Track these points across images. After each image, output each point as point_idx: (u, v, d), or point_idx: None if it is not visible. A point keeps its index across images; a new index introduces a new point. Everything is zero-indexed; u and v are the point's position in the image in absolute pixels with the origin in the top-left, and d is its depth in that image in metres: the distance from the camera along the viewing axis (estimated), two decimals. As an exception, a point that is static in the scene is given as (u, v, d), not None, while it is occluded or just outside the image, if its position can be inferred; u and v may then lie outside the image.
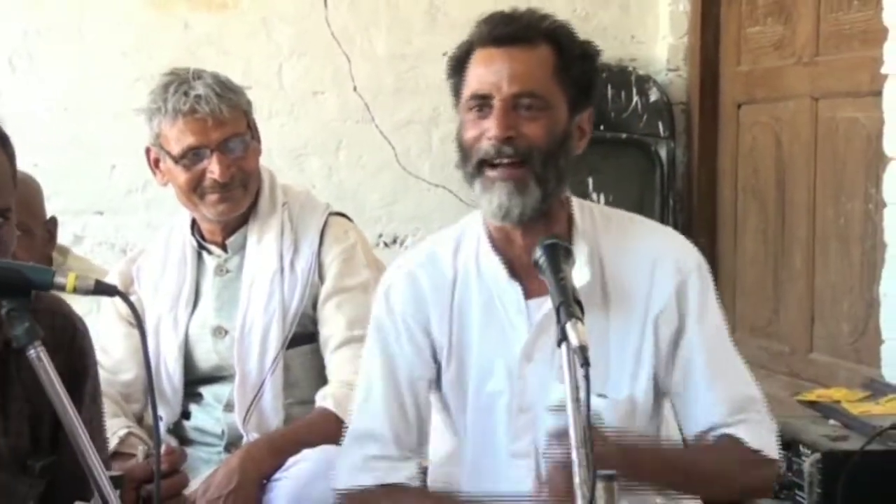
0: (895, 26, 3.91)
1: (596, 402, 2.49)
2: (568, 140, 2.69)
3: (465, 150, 2.68)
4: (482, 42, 2.68)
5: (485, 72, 2.65)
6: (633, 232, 2.82)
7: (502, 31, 2.66)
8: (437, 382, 2.80)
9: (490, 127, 2.61)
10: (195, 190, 3.47)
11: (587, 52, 2.75)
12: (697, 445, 2.70)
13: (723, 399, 2.70)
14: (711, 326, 2.74)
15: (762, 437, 2.69)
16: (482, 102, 2.64)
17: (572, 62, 2.69)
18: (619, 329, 2.72)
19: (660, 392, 2.75)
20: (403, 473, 2.74)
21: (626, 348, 2.72)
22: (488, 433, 2.73)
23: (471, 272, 2.77)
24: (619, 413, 2.64)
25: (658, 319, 2.71)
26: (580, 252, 2.64)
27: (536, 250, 2.43)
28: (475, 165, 2.64)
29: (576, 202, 2.79)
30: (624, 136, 5.34)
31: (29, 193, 3.40)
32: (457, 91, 2.72)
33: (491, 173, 2.62)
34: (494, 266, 2.73)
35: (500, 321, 2.73)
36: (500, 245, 2.73)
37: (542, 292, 2.60)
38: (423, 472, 2.90)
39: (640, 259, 2.75)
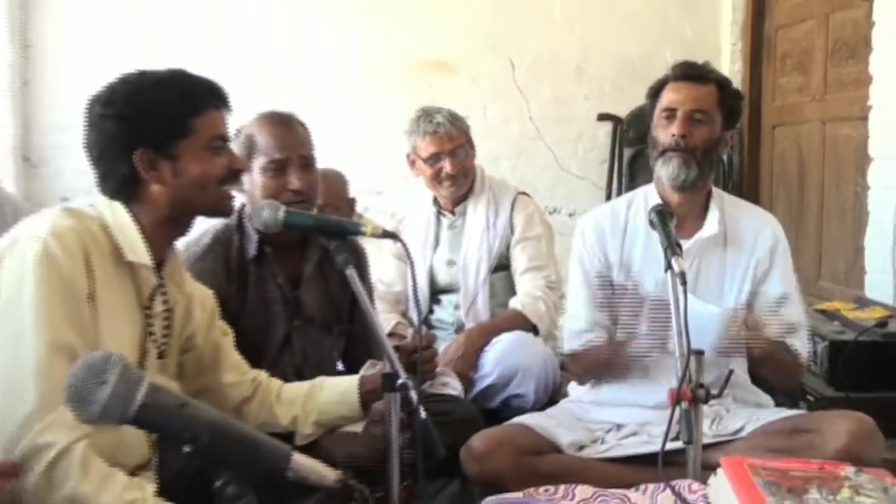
0: (877, 75, 3.79)
1: (713, 310, 2.49)
2: (719, 144, 2.68)
3: (655, 141, 2.67)
4: (674, 78, 2.67)
5: (675, 95, 2.64)
6: (745, 208, 2.80)
7: (688, 72, 2.66)
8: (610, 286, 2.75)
9: (674, 129, 2.61)
10: (436, 179, 3.51)
11: (737, 96, 2.75)
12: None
13: (787, 318, 2.62)
14: (788, 276, 2.69)
15: (801, 349, 2.63)
16: (670, 113, 2.64)
17: (728, 99, 2.68)
18: (732, 264, 2.68)
19: (751, 307, 2.67)
20: (590, 340, 2.72)
21: (735, 277, 2.67)
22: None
23: (640, 219, 2.72)
24: (727, 319, 2.53)
25: (757, 263, 2.67)
26: (714, 214, 2.66)
27: (650, 213, 2.39)
28: (660, 151, 2.64)
29: (714, 188, 2.76)
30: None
31: (338, 185, 3.47)
32: (652, 107, 2.71)
33: (670, 153, 2.61)
34: None
35: (656, 251, 2.60)
36: (665, 204, 2.63)
37: (684, 235, 2.60)
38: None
39: (749, 225, 2.71)
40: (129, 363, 1.23)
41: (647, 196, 2.74)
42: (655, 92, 2.71)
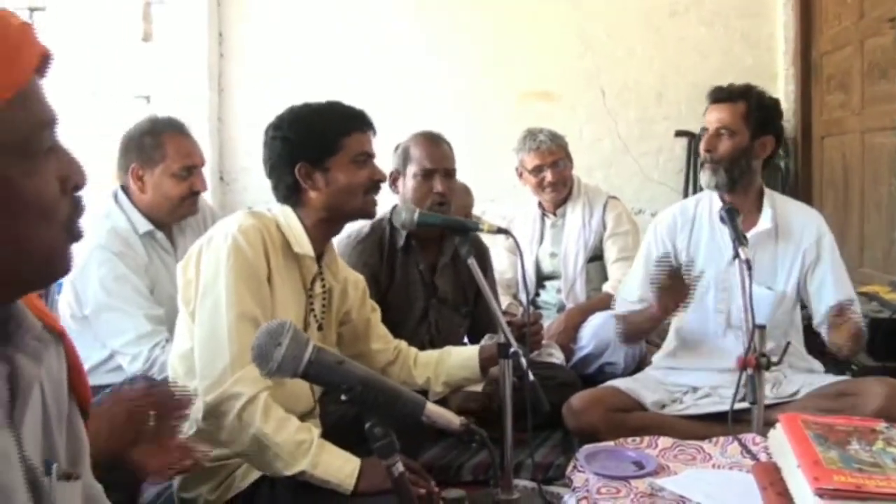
0: (905, 91, 3.67)
1: (767, 291, 2.48)
2: (750, 150, 2.58)
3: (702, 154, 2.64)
4: (710, 101, 2.63)
5: (708, 116, 2.62)
6: (794, 205, 2.72)
7: (718, 95, 2.62)
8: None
9: (705, 145, 2.59)
10: (540, 187, 3.49)
11: (765, 104, 2.62)
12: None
13: (839, 298, 2.53)
14: (837, 262, 2.61)
15: (859, 319, 2.52)
16: (705, 132, 2.62)
17: (755, 111, 2.58)
18: (783, 253, 2.60)
19: (798, 292, 2.61)
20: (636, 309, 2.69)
21: (785, 264, 2.60)
22: (704, 298, 2.62)
23: (705, 215, 2.67)
24: (778, 299, 2.54)
25: (805, 252, 2.59)
26: (768, 212, 2.59)
27: (721, 210, 2.38)
28: (700, 163, 2.62)
29: (766, 189, 2.67)
30: (765, 155, 5.03)
31: (466, 193, 3.47)
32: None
33: (706, 165, 2.58)
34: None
35: (718, 242, 2.61)
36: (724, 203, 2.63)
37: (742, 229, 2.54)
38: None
39: (797, 221, 2.63)
40: (299, 329, 1.25)
41: (711, 197, 2.68)
42: (705, 112, 2.69)
